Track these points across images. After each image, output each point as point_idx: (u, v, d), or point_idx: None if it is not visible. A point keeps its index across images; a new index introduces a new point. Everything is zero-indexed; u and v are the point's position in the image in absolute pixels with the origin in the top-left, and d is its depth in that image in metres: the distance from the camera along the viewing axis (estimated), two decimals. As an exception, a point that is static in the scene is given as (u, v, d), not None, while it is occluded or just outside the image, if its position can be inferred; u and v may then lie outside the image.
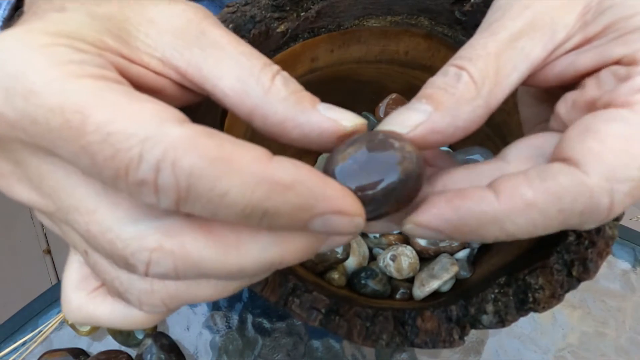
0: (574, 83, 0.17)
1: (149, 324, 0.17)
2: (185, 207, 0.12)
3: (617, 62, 0.16)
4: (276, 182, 0.12)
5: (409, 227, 0.16)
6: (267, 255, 0.14)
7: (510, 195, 0.14)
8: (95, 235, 0.14)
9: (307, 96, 0.16)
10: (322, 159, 0.39)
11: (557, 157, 0.15)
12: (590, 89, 0.16)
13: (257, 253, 0.14)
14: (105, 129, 0.12)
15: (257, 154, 0.12)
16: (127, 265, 0.14)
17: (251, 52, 0.16)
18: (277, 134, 0.16)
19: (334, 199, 0.13)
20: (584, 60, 0.17)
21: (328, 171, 0.15)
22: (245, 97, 0.15)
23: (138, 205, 0.14)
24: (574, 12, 0.17)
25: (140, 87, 0.16)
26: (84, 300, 0.17)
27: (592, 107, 0.16)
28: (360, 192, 0.14)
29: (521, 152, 0.17)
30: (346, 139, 0.16)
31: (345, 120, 0.16)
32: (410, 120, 0.16)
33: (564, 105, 0.17)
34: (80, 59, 0.13)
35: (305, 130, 0.15)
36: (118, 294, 0.16)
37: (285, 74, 0.16)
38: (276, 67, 0.16)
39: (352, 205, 0.13)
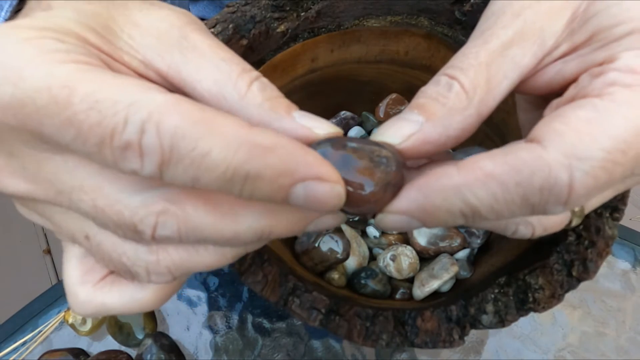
0: (562, 90, 0.18)
1: (158, 304, 0.18)
2: (167, 171, 0.13)
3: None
4: (258, 144, 0.12)
5: (379, 216, 0.16)
6: (259, 225, 0.15)
7: (471, 167, 0.14)
8: (103, 209, 0.14)
9: (284, 103, 0.16)
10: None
11: (525, 140, 0.15)
12: (570, 91, 0.16)
13: (250, 221, 0.14)
14: (91, 97, 0.12)
15: (240, 120, 0.13)
16: (135, 232, 0.14)
17: (232, 58, 0.16)
18: None
19: (314, 165, 0.13)
20: (570, 68, 0.17)
21: None
22: (222, 101, 0.16)
23: (137, 179, 0.14)
24: (562, 20, 0.17)
25: None
26: (91, 291, 0.17)
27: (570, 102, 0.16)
28: None
29: None
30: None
31: (319, 128, 0.16)
32: (402, 131, 0.16)
33: (550, 111, 0.17)
34: (65, 48, 0.14)
35: None
36: (125, 270, 0.16)
37: (264, 80, 0.16)
38: (255, 74, 0.16)
39: (332, 172, 0.14)
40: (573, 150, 0.14)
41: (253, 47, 0.28)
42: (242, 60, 0.16)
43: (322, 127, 0.16)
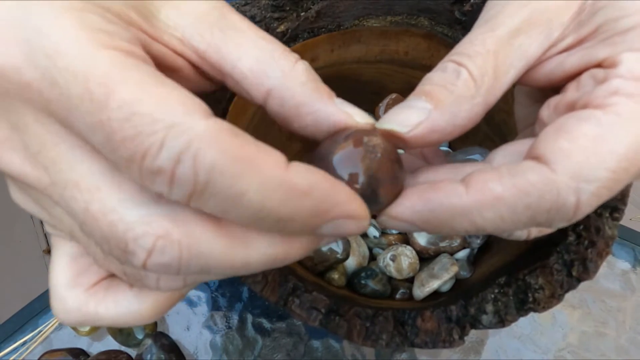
0: (561, 84, 0.17)
1: (156, 317, 0.16)
2: (197, 201, 0.12)
3: (600, 65, 0.16)
4: (294, 187, 0.12)
5: (382, 219, 0.16)
6: (273, 252, 0.14)
7: (480, 189, 0.14)
8: (94, 215, 0.13)
9: (326, 88, 0.16)
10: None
11: (530, 155, 0.15)
12: (570, 92, 0.16)
13: (264, 249, 0.14)
14: (130, 108, 0.11)
15: (277, 158, 0.12)
16: (123, 252, 0.13)
17: (272, 38, 0.16)
18: (290, 118, 0.16)
19: (346, 204, 0.13)
20: (571, 61, 0.17)
21: (323, 158, 0.15)
22: (264, 78, 0.15)
23: (145, 190, 0.13)
24: (570, 11, 0.17)
25: (160, 65, 0.15)
26: (82, 297, 0.16)
27: (571, 109, 0.16)
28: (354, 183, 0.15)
29: (506, 156, 0.17)
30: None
31: (358, 116, 0.16)
32: (410, 119, 0.16)
33: (547, 110, 0.17)
34: (110, 29, 0.12)
35: (319, 118, 0.15)
36: (132, 277, 0.15)
37: (306, 63, 0.16)
38: (297, 56, 0.16)
39: (361, 209, 0.14)
40: (581, 172, 0.14)
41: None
42: (281, 43, 0.16)
43: (362, 116, 0.16)
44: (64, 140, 0.13)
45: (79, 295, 0.16)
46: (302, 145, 0.36)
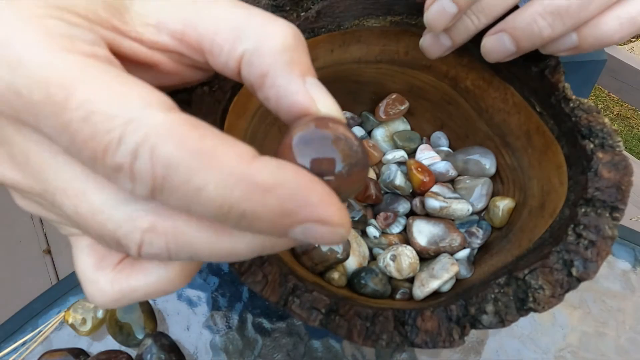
0: None
1: (185, 281, 0.16)
2: (160, 197, 0.12)
3: None
4: (256, 183, 0.11)
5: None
6: (259, 241, 0.14)
7: None
8: (84, 216, 0.13)
9: (303, 62, 0.15)
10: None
11: None
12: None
13: (250, 238, 0.13)
14: (88, 107, 0.11)
15: (241, 151, 0.12)
16: (119, 246, 0.13)
17: (250, 6, 0.15)
18: (255, 86, 0.15)
19: (317, 207, 0.12)
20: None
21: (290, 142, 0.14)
22: (238, 44, 0.15)
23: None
24: None
25: (134, 62, 0.15)
26: (113, 275, 0.16)
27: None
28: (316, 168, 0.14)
29: None
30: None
31: (323, 105, 0.15)
32: None
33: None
34: (72, 33, 0.13)
35: (280, 93, 0.15)
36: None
37: (294, 28, 0.15)
38: (285, 22, 0.15)
39: (337, 215, 0.12)
40: None
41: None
42: (265, 11, 0.15)
43: (326, 105, 0.15)
44: (45, 148, 0.13)
45: (109, 274, 0.16)
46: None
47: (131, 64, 0.15)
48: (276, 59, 0.14)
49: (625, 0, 0.23)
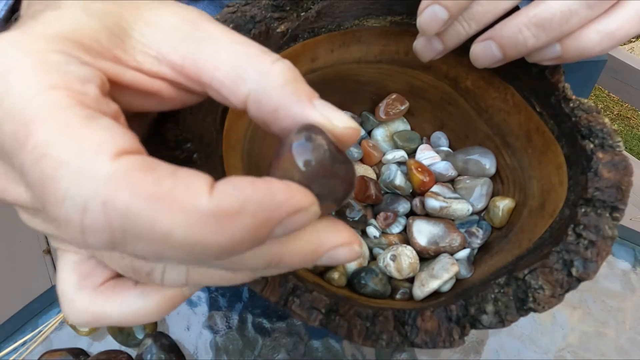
0: None
1: (161, 315, 0.16)
2: (123, 248, 0.11)
3: None
4: (224, 212, 0.11)
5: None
6: (268, 252, 0.14)
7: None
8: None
9: (306, 89, 0.15)
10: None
11: None
12: None
13: (260, 255, 0.14)
14: (41, 150, 0.11)
15: (200, 185, 0.11)
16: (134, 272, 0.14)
17: (248, 41, 0.16)
18: (269, 121, 0.16)
19: (285, 203, 0.12)
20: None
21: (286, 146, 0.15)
22: (241, 83, 0.15)
23: None
24: None
25: (136, 90, 0.16)
26: (90, 298, 0.16)
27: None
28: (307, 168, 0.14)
29: None
30: None
31: (338, 120, 0.15)
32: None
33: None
34: (67, 69, 0.13)
35: (296, 122, 0.15)
36: (140, 271, 0.15)
37: (287, 62, 0.16)
38: (276, 56, 0.16)
39: (302, 199, 0.13)
40: None
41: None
42: (259, 44, 0.16)
43: (342, 120, 0.15)
44: None
45: (86, 296, 0.16)
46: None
47: (134, 92, 0.16)
48: (283, 93, 0.15)
49: (606, 15, 0.24)
